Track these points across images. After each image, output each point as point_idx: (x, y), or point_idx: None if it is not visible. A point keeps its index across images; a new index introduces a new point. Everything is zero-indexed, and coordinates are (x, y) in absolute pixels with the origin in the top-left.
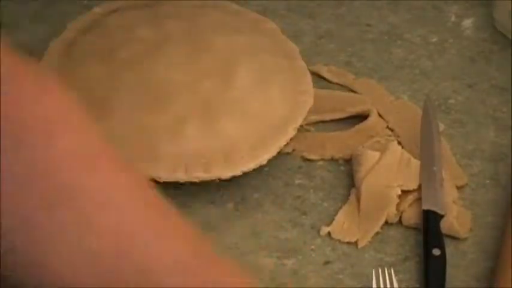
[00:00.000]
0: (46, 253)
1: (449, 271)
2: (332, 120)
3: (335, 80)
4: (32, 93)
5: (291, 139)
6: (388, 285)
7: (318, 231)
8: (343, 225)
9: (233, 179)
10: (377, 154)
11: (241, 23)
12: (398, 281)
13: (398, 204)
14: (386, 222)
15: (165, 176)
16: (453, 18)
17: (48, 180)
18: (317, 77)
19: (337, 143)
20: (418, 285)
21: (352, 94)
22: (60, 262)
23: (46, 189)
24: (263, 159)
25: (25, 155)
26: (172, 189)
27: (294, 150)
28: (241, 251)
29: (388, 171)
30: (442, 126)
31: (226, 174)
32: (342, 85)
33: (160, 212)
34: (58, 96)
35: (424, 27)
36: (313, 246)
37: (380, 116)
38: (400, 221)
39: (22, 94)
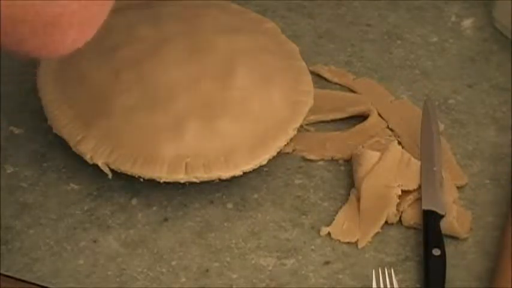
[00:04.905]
0: None
1: (449, 271)
2: (332, 120)
3: (335, 80)
4: None
5: (291, 139)
6: (388, 285)
7: (318, 231)
8: (343, 225)
9: (233, 179)
10: (377, 154)
11: (242, 23)
12: (398, 281)
13: (398, 204)
14: (386, 222)
15: (165, 176)
16: (453, 18)
17: None
18: (317, 77)
19: (337, 143)
20: (418, 285)
21: (352, 94)
22: None
23: None
24: (263, 159)
25: None
26: (172, 189)
27: (294, 150)
28: (241, 251)
29: (388, 171)
30: (442, 126)
31: (226, 174)
32: (342, 85)
33: None
34: None
35: (424, 27)
36: (313, 246)
37: (380, 116)
38: (400, 221)
39: None
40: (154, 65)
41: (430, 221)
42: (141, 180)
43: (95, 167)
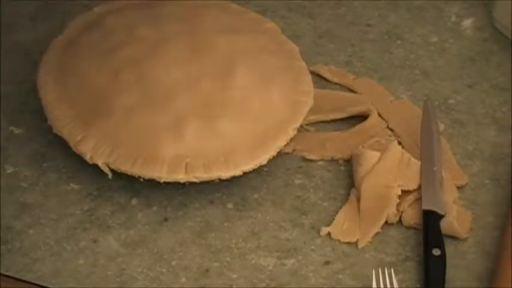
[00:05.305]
0: None
1: (449, 271)
2: (332, 120)
3: (335, 80)
4: None
5: (291, 139)
6: (388, 285)
7: (318, 231)
8: (343, 225)
9: (233, 179)
10: (377, 154)
11: (242, 23)
12: (399, 281)
13: (398, 204)
14: (386, 222)
15: (165, 176)
16: (453, 18)
17: None
18: (317, 77)
19: (337, 143)
20: (418, 285)
21: (352, 94)
22: None
23: None
24: (263, 159)
25: None
26: (172, 189)
27: (294, 150)
28: (241, 251)
29: (388, 171)
30: (442, 126)
31: (226, 174)
32: (342, 85)
33: None
34: None
35: (424, 27)
36: (313, 246)
37: (380, 116)
38: (400, 221)
39: None
40: (154, 65)
41: (430, 221)
42: (141, 180)
43: (95, 167)
